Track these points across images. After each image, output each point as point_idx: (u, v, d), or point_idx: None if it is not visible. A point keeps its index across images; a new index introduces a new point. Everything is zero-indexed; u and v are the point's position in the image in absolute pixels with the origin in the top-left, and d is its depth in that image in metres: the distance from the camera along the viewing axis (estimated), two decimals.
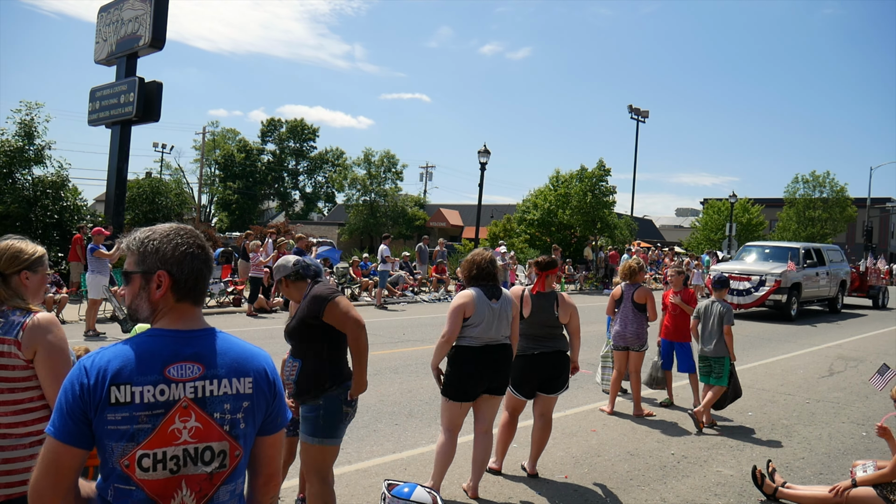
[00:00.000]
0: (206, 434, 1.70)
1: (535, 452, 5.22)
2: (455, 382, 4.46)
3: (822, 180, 48.45)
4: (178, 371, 1.68)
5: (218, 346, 1.77)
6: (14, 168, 16.22)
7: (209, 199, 58.05)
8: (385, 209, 45.45)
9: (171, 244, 1.76)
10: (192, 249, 1.78)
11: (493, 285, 4.56)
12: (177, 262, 1.76)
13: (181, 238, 1.78)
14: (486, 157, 24.45)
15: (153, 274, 1.75)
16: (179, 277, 1.75)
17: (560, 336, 5.19)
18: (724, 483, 5.21)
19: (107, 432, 1.62)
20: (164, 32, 17.66)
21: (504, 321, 4.52)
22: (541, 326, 5.11)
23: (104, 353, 1.68)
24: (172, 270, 1.75)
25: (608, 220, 30.73)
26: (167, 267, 1.75)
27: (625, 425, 6.75)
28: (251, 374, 1.78)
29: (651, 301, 7.14)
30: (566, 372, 5.17)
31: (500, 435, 5.19)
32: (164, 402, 1.65)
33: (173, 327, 1.75)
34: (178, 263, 1.76)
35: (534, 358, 5.05)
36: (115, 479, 1.65)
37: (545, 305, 5.16)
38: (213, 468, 1.71)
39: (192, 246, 1.79)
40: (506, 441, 5.21)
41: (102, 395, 1.62)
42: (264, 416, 1.82)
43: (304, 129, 60.94)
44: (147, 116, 17.65)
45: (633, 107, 38.12)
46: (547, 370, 5.07)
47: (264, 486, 1.88)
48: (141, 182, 23.90)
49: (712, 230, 44.81)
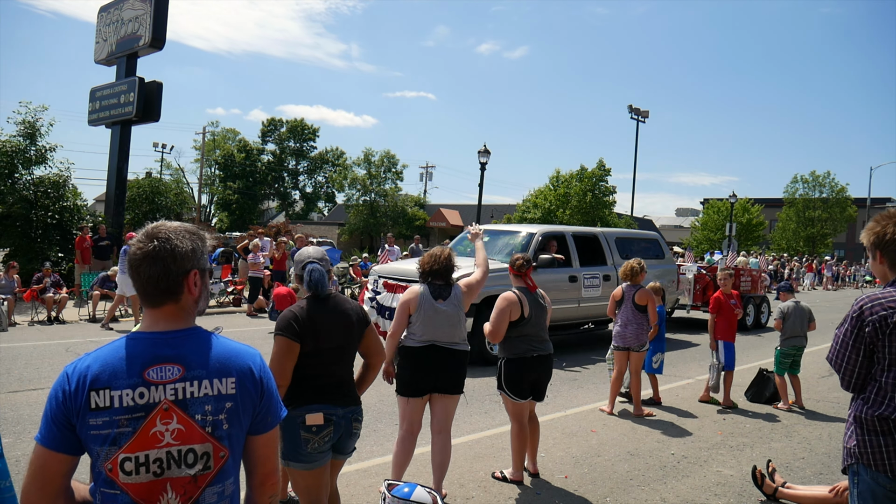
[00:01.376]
0: (189, 436, 1.69)
1: (533, 451, 5.22)
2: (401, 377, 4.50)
3: (821, 180, 48.51)
4: (158, 373, 1.67)
5: (200, 346, 1.75)
6: (15, 168, 16.21)
7: (209, 199, 58.03)
8: (385, 209, 45.47)
9: (132, 248, 1.76)
10: (147, 248, 1.74)
11: (443, 284, 4.48)
12: (135, 265, 1.75)
13: (138, 240, 1.77)
14: (486, 156, 24.45)
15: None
16: (139, 279, 1.75)
17: (548, 338, 5.18)
18: (724, 483, 5.21)
19: (90, 437, 1.63)
20: (164, 32, 17.67)
21: (452, 324, 4.43)
22: (540, 328, 5.08)
23: (85, 359, 1.68)
24: (132, 273, 1.76)
25: (608, 219, 30.77)
26: (130, 271, 1.77)
27: (625, 425, 6.74)
28: (234, 374, 1.76)
29: (652, 303, 7.16)
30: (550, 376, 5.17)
31: (514, 444, 5.05)
32: (143, 405, 1.65)
33: (154, 329, 1.74)
34: (137, 266, 1.75)
35: (531, 360, 4.96)
36: (101, 483, 1.65)
37: (538, 303, 5.11)
38: (196, 470, 1.70)
39: (147, 244, 1.74)
40: (522, 450, 5.04)
41: (83, 400, 1.62)
42: (252, 415, 1.80)
43: (304, 128, 60.91)
44: (147, 116, 17.66)
45: (633, 107, 38.09)
46: (540, 373, 5.03)
47: (260, 485, 1.86)
48: (141, 182, 23.89)
49: (712, 230, 44.86)
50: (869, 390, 2.56)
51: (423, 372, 4.40)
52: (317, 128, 61.25)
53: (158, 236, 1.75)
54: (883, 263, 2.63)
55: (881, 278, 2.71)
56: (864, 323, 2.52)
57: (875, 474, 2.50)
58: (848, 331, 2.58)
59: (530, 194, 33.18)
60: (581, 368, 9.71)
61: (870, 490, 2.52)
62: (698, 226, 48.08)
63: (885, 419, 2.48)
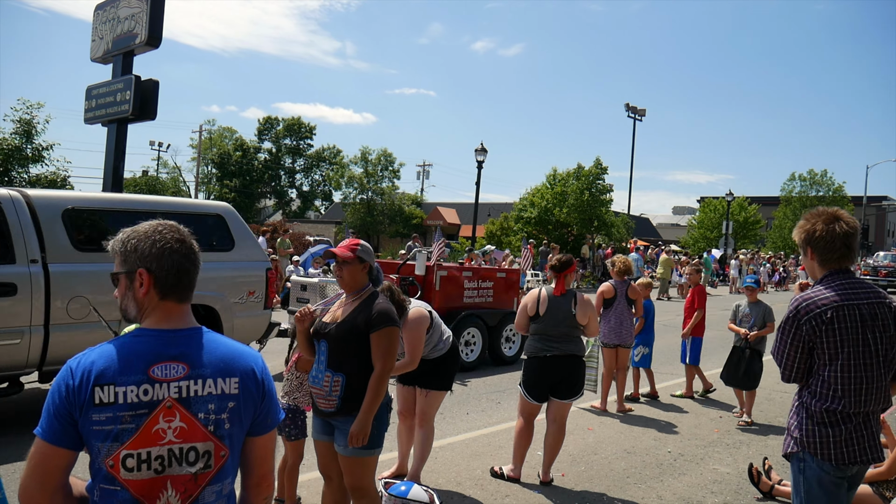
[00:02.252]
0: (191, 434, 1.69)
1: (549, 459, 5.04)
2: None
3: (818, 178, 48.58)
4: (163, 371, 1.67)
5: (204, 345, 1.76)
6: (11, 166, 16.17)
7: (206, 198, 57.94)
8: (382, 207, 45.43)
9: (150, 241, 1.75)
10: (171, 244, 1.76)
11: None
12: (155, 258, 1.74)
13: (159, 234, 1.77)
14: (483, 155, 24.45)
15: (135, 272, 1.75)
16: (159, 274, 1.74)
17: (576, 339, 5.00)
18: (721, 481, 5.22)
19: (92, 433, 1.62)
20: (160, 30, 17.55)
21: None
22: (556, 326, 4.96)
23: (90, 354, 1.68)
24: (152, 267, 1.74)
25: (605, 218, 30.76)
26: (146, 264, 1.74)
27: (621, 424, 6.76)
28: (238, 374, 1.77)
29: (640, 298, 7.25)
30: (580, 377, 5.01)
31: (515, 440, 5.01)
32: (147, 403, 1.65)
33: (158, 327, 1.74)
34: (157, 259, 1.74)
35: (546, 360, 4.89)
36: (101, 479, 1.65)
37: (562, 303, 5.00)
38: (197, 469, 1.71)
39: (171, 241, 1.76)
40: (523, 447, 4.99)
41: (87, 395, 1.62)
42: (252, 416, 1.81)
43: (300, 127, 60.77)
44: (143, 115, 17.54)
45: (630, 105, 38.09)
46: (559, 374, 4.91)
47: (256, 486, 1.86)
48: (138, 180, 23.89)
49: (709, 228, 44.86)
50: (814, 384, 2.72)
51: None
52: (313, 126, 61.12)
53: (180, 231, 1.79)
54: (813, 259, 2.80)
55: (811, 274, 2.87)
56: (800, 322, 2.69)
57: (821, 462, 2.67)
58: (787, 330, 2.74)
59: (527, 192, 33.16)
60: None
61: (816, 476, 2.70)
62: (695, 224, 48.11)
63: (832, 412, 2.66)
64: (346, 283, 3.34)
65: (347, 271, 3.31)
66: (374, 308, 3.23)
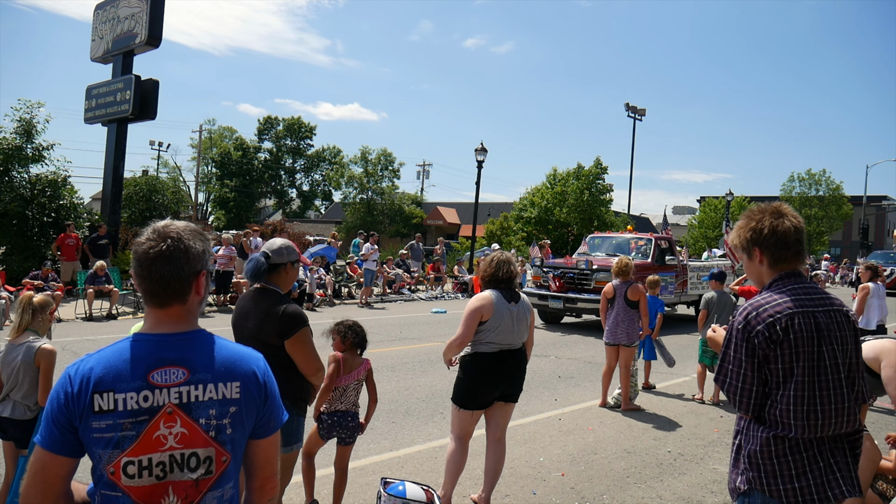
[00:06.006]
0: (192, 440, 1.66)
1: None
2: (469, 390, 4.27)
3: (818, 178, 48.59)
4: (163, 376, 1.64)
5: (205, 349, 1.72)
6: (11, 166, 16.15)
7: (206, 198, 57.90)
8: (382, 207, 45.45)
9: (142, 247, 1.71)
10: (159, 247, 1.69)
11: (510, 288, 4.33)
12: (146, 264, 1.70)
13: (149, 238, 1.72)
14: (483, 154, 24.43)
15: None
16: (148, 278, 1.70)
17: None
18: (721, 480, 5.22)
19: (93, 440, 1.61)
20: (160, 30, 17.61)
21: (523, 325, 4.30)
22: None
23: (88, 360, 1.65)
24: (141, 272, 1.71)
25: (605, 217, 30.78)
26: (139, 269, 1.71)
27: (621, 423, 6.76)
28: (239, 378, 1.73)
29: (644, 299, 7.23)
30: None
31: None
32: (147, 409, 1.62)
33: (158, 331, 1.71)
34: (147, 266, 1.70)
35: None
36: (103, 485, 1.64)
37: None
38: (199, 475, 1.68)
39: (159, 243, 1.70)
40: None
41: (86, 403, 1.59)
42: (255, 420, 1.77)
43: (300, 126, 60.77)
44: (144, 114, 17.61)
45: (630, 105, 38.04)
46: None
47: (260, 489, 1.84)
48: (137, 180, 23.85)
49: (709, 228, 44.87)
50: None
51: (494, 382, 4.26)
52: (314, 125, 61.14)
53: (171, 235, 1.71)
54: (762, 262, 2.38)
55: (756, 280, 2.46)
56: (751, 334, 2.24)
57: (768, 499, 2.26)
58: (736, 344, 2.28)
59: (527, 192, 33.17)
60: (577, 367, 9.73)
61: None
62: (695, 224, 48.11)
63: (780, 438, 2.22)
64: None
65: None
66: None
